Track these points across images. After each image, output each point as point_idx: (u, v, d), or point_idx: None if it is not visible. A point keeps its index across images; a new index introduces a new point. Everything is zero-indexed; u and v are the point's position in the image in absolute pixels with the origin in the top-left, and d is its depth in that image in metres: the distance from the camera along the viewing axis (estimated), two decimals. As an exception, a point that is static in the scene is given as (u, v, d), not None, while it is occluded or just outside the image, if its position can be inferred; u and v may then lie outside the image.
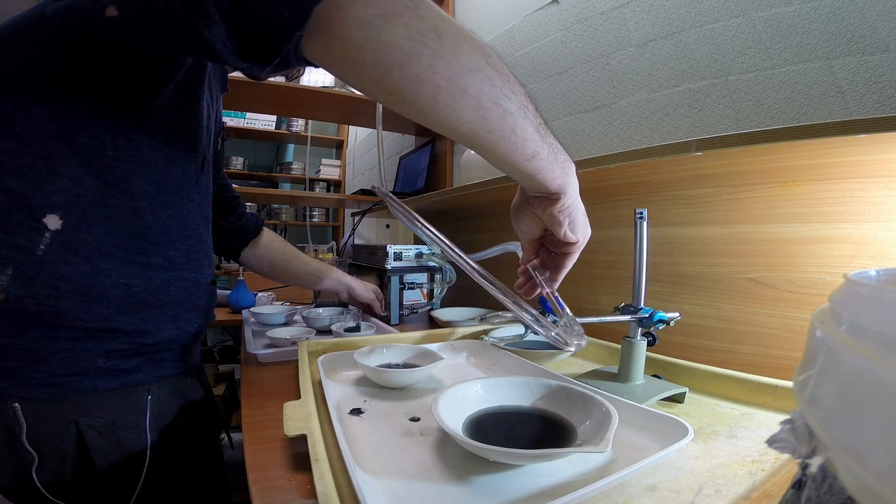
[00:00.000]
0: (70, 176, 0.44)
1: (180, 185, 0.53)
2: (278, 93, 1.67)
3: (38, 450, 0.46)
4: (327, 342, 0.71)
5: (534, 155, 0.36)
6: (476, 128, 0.32)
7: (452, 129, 0.32)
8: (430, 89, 0.29)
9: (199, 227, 0.58)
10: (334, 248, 2.15)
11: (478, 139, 0.33)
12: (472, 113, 0.31)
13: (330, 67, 0.31)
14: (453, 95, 0.30)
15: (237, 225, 0.86)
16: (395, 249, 1.04)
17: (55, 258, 0.44)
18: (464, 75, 0.30)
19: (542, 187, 0.39)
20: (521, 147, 0.34)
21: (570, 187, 0.40)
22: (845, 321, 0.16)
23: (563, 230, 0.42)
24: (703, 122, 0.79)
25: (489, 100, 0.31)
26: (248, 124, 3.27)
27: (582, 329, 0.43)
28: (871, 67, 0.59)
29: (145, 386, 0.53)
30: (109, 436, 0.49)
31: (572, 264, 0.46)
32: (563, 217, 0.41)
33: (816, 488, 0.16)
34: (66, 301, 0.45)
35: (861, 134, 0.41)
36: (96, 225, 0.46)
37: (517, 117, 0.33)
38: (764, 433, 0.42)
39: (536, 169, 0.37)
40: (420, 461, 0.38)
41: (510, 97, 0.32)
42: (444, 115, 0.31)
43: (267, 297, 1.52)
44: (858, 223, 0.55)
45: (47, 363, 0.45)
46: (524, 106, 0.34)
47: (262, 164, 4.26)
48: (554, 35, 1.11)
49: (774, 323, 0.62)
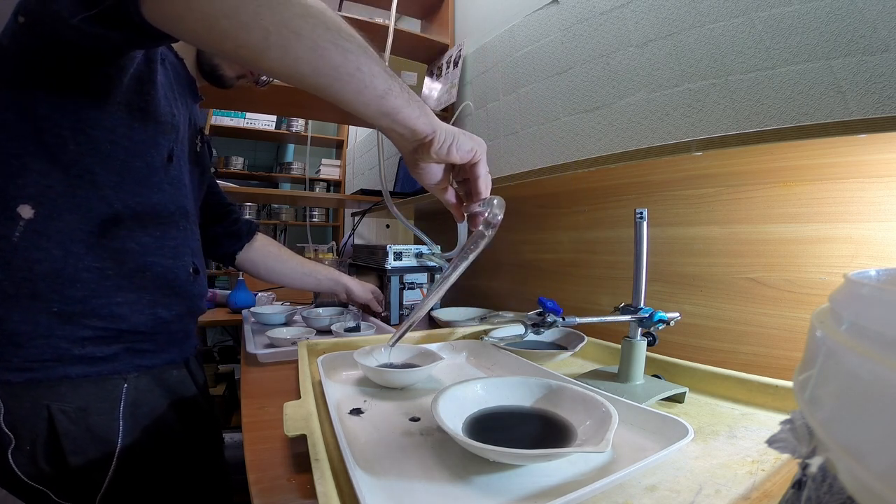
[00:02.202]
0: (39, 170, 0.49)
1: (145, 175, 0.56)
2: (278, 93, 1.67)
3: (14, 432, 0.48)
4: (327, 342, 0.71)
5: (387, 92, 0.36)
6: (317, 66, 0.33)
7: (293, 71, 0.33)
8: (260, 32, 0.31)
9: (175, 216, 0.61)
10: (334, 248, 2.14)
11: (322, 78, 0.34)
12: (309, 53, 0.33)
13: (167, 25, 0.34)
14: (285, 37, 0.32)
15: (231, 230, 0.88)
16: (395, 249, 1.04)
17: (29, 244, 0.48)
18: (294, 20, 0.32)
19: (409, 128, 0.38)
20: (371, 84, 0.35)
21: (437, 123, 0.40)
22: (845, 321, 0.16)
23: (455, 155, 0.41)
24: (703, 122, 0.79)
25: (326, 41, 0.33)
26: (248, 124, 3.26)
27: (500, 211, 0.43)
28: (871, 67, 0.59)
29: (122, 375, 0.54)
30: (79, 421, 0.50)
31: (486, 170, 0.44)
32: (446, 148, 0.40)
33: (816, 488, 0.16)
34: (42, 284, 0.48)
35: (861, 134, 0.41)
36: (67, 213, 0.50)
37: (359, 55, 0.34)
38: (764, 433, 0.42)
39: (394, 108, 0.37)
40: (420, 461, 0.38)
41: (348, 39, 0.34)
42: (279, 56, 0.32)
43: (267, 297, 1.51)
44: (858, 223, 0.55)
45: (23, 349, 0.48)
46: (364, 47, 0.35)
47: (262, 164, 4.26)
48: (554, 35, 1.11)
49: (774, 323, 0.62)
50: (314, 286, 1.00)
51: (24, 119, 0.48)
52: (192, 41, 0.35)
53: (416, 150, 0.41)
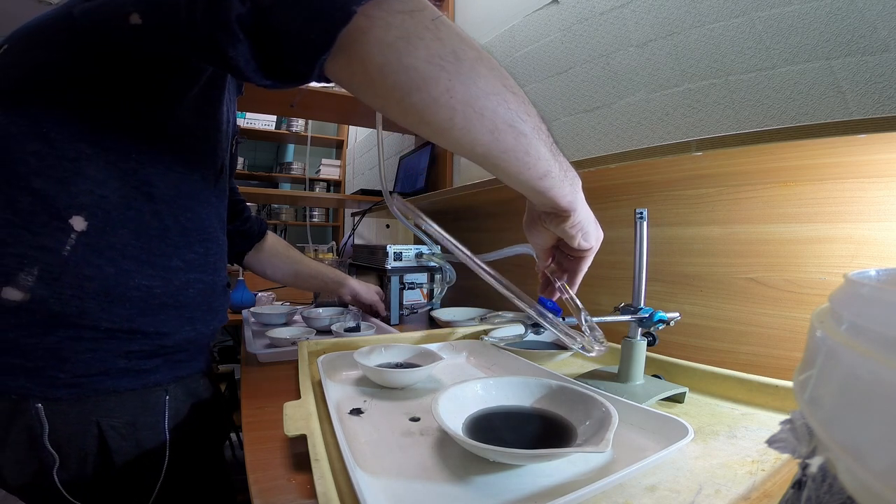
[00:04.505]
0: (94, 178, 0.44)
1: (199, 188, 0.54)
2: (278, 93, 1.67)
3: (59, 451, 0.46)
4: (327, 342, 0.71)
5: (546, 174, 0.36)
6: (491, 149, 0.33)
7: (468, 150, 0.33)
8: (447, 112, 0.30)
9: (216, 230, 0.58)
10: (334, 248, 2.15)
11: (492, 159, 0.34)
12: (488, 135, 0.32)
13: (350, 87, 0.31)
14: (469, 118, 0.30)
15: (242, 229, 0.86)
16: (395, 249, 1.04)
17: (80, 259, 0.44)
18: (480, 98, 0.30)
19: (552, 203, 0.39)
20: (535, 167, 0.35)
21: (579, 202, 0.41)
22: (845, 321, 0.16)
23: (577, 241, 0.43)
24: (703, 122, 0.79)
25: (504, 122, 0.32)
26: (248, 124, 3.27)
27: (602, 333, 0.45)
28: (871, 67, 0.59)
29: (163, 386, 0.53)
30: (129, 436, 0.49)
31: (588, 266, 0.47)
32: (575, 231, 0.42)
33: (816, 488, 0.16)
34: (91, 302, 0.45)
35: (861, 134, 0.41)
36: (120, 227, 0.46)
37: (531, 138, 0.34)
38: (764, 433, 0.42)
39: (548, 187, 0.37)
40: (420, 461, 0.38)
41: (525, 119, 0.33)
42: (460, 136, 0.31)
43: (267, 297, 1.52)
44: (858, 223, 0.55)
45: (70, 364, 0.45)
46: (538, 127, 0.34)
47: (262, 164, 4.26)
48: (554, 35, 1.11)
49: (774, 323, 0.62)
50: (320, 287, 1.00)
51: (81, 118, 0.43)
52: (374, 105, 0.32)
53: (546, 214, 0.42)
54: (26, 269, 0.42)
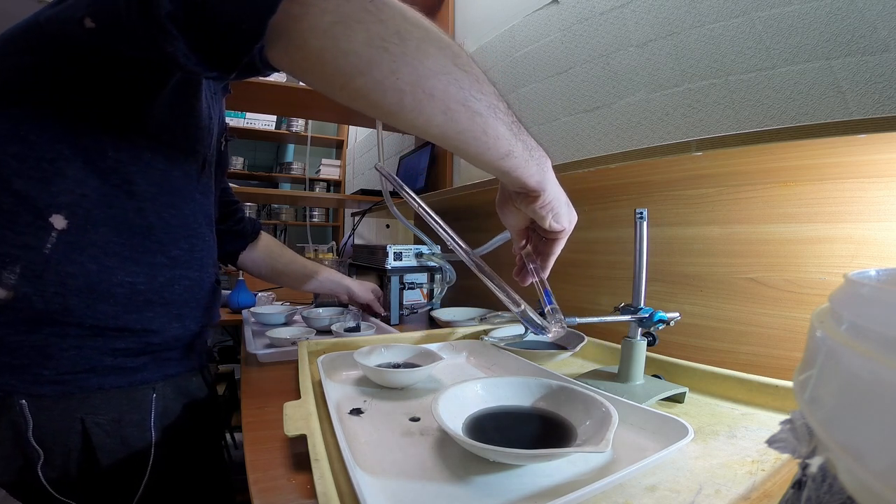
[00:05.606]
0: (74, 177, 0.45)
1: (181, 185, 0.54)
2: (278, 93, 1.67)
3: (43, 447, 0.46)
4: (327, 342, 0.71)
5: (507, 153, 0.36)
6: (446, 129, 0.32)
7: (422, 131, 0.32)
8: (395, 95, 0.29)
9: (202, 226, 0.59)
10: (334, 248, 2.14)
11: (449, 140, 0.33)
12: (440, 116, 0.31)
13: (293, 74, 0.31)
14: (419, 99, 0.30)
15: (235, 229, 0.86)
16: (395, 249, 1.04)
17: (62, 257, 0.45)
18: (429, 79, 0.30)
19: (520, 184, 0.39)
20: (494, 146, 0.35)
21: (548, 182, 0.40)
22: (845, 321, 0.16)
23: (548, 223, 0.42)
24: (703, 122, 0.79)
25: (456, 102, 0.31)
26: (248, 124, 3.27)
27: (563, 317, 0.44)
28: (871, 67, 0.59)
29: (151, 384, 0.53)
30: (114, 433, 0.49)
31: (561, 249, 0.46)
32: (545, 212, 0.41)
33: (816, 488, 0.16)
34: (74, 299, 0.46)
35: (861, 134, 0.41)
36: (101, 224, 0.47)
37: (487, 117, 0.33)
38: (764, 433, 0.42)
39: (512, 167, 0.37)
40: (420, 461, 0.38)
41: (479, 98, 0.32)
42: (412, 118, 0.31)
43: (267, 297, 1.52)
44: (858, 223, 0.55)
45: (55, 361, 0.46)
46: (494, 105, 0.34)
47: (262, 164, 4.27)
48: (554, 35, 1.11)
49: (774, 323, 0.62)
50: (316, 288, 0.99)
51: (58, 120, 0.44)
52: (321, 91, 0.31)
53: (516, 194, 0.42)
54: (9, 268, 0.43)
